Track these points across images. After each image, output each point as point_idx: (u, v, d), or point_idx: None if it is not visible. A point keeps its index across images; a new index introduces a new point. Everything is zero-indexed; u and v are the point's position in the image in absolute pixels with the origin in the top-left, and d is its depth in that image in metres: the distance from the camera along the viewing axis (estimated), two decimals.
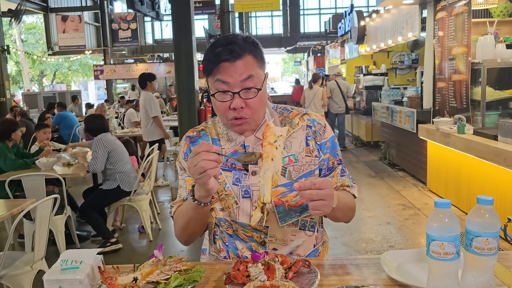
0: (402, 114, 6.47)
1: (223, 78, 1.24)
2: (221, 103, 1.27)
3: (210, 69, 1.27)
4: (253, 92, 1.26)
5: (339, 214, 1.32)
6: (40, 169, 4.27)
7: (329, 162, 1.40)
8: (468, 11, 4.68)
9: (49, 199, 2.79)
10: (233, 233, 1.36)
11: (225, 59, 1.23)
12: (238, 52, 1.24)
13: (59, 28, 17.11)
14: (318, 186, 1.11)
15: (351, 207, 1.40)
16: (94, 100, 26.94)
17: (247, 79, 1.24)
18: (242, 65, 1.24)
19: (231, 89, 1.24)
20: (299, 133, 1.37)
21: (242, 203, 1.34)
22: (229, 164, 1.35)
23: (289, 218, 1.34)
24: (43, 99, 15.45)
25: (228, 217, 1.35)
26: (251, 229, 1.34)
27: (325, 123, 1.42)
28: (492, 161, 3.90)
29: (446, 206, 0.92)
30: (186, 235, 1.37)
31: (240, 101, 1.25)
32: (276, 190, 1.31)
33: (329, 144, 1.40)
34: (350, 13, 10.57)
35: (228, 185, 1.34)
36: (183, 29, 6.28)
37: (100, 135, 4.20)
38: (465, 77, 4.82)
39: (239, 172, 1.34)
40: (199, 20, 20.03)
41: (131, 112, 8.81)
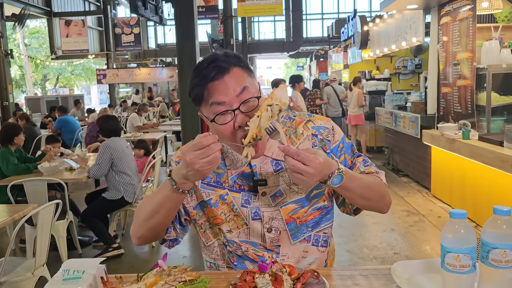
0: (406, 120, 6.43)
1: (217, 99, 1.16)
2: (224, 126, 1.17)
3: (200, 95, 1.18)
4: (253, 102, 1.18)
5: (355, 196, 1.21)
6: (42, 174, 4.24)
7: (347, 162, 1.33)
8: (473, 16, 4.66)
9: (51, 205, 2.76)
10: (242, 254, 1.31)
11: (212, 77, 1.16)
12: (224, 66, 1.17)
13: (62, 33, 17.16)
14: (301, 159, 1.04)
15: (375, 189, 1.26)
16: (97, 105, 27.00)
17: (243, 92, 1.16)
18: (232, 80, 1.17)
19: (229, 107, 1.16)
20: (305, 144, 1.30)
21: (253, 224, 1.29)
22: (237, 185, 1.29)
23: (301, 234, 1.30)
24: (46, 103, 15.48)
25: (237, 238, 1.30)
26: (263, 249, 1.30)
27: (332, 125, 1.34)
28: (498, 167, 3.86)
29: (462, 217, 0.89)
30: (147, 227, 1.24)
31: (243, 116, 1.16)
32: (287, 207, 1.27)
33: (342, 145, 1.33)
34: (353, 18, 10.56)
35: (236, 207, 1.28)
36: (186, 34, 6.28)
37: (109, 141, 4.13)
38: (470, 83, 4.79)
39: (248, 194, 1.28)
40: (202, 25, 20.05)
41: (133, 116, 8.80)
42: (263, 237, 1.28)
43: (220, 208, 1.29)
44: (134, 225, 1.28)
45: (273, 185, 1.27)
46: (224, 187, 1.29)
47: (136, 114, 8.87)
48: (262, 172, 1.27)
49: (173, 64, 19.19)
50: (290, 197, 1.28)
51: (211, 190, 1.30)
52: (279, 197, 1.28)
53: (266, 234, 1.28)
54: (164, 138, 8.51)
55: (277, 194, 1.27)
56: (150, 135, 8.13)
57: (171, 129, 9.17)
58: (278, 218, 1.28)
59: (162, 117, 13.91)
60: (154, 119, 12.27)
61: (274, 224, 1.28)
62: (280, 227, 1.28)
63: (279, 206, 1.28)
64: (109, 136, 4.16)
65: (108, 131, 4.21)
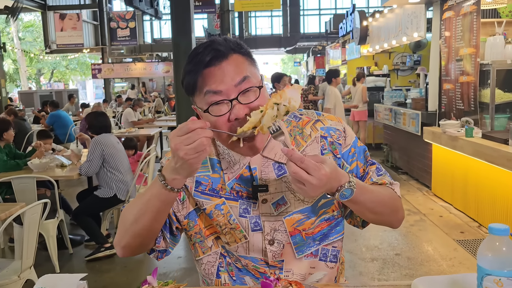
0: (406, 116, 6.31)
1: (212, 88, 1.02)
2: (219, 118, 1.03)
3: (193, 82, 1.04)
4: (254, 92, 1.04)
5: (365, 209, 1.09)
6: (32, 170, 4.09)
7: (359, 170, 1.18)
8: (477, 11, 4.53)
9: (39, 204, 2.62)
10: (242, 267, 1.16)
11: (208, 62, 1.02)
12: (222, 51, 1.03)
13: (57, 26, 16.91)
14: (304, 167, 0.91)
15: (387, 203, 1.13)
16: (92, 99, 26.77)
17: (243, 82, 1.03)
18: (231, 67, 1.03)
19: (226, 97, 1.02)
20: (313, 146, 1.15)
21: (252, 237, 1.13)
22: (235, 192, 1.13)
23: (307, 248, 1.16)
24: (40, 97, 15.26)
25: (235, 252, 1.16)
26: (264, 264, 1.15)
27: (344, 126, 1.19)
28: (503, 166, 3.75)
29: (504, 233, 0.75)
30: (132, 234, 1.08)
31: (241, 107, 1.02)
32: (291, 218, 1.12)
33: (354, 150, 1.18)
34: (352, 13, 10.42)
35: (234, 217, 1.13)
36: (183, 28, 6.13)
37: (100, 136, 3.99)
38: (473, 79, 4.67)
39: (247, 202, 1.13)
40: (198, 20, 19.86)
41: (128, 111, 8.64)
42: (264, 251, 1.13)
43: (215, 219, 1.14)
44: (118, 233, 1.13)
45: (275, 192, 1.12)
46: (220, 195, 1.14)
47: (131, 109, 8.71)
48: (262, 176, 1.12)
49: (169, 59, 18.98)
50: (295, 206, 1.13)
51: (205, 199, 1.15)
52: (282, 205, 1.13)
53: (268, 247, 1.13)
54: (159, 134, 8.36)
55: (280, 202, 1.12)
56: (145, 130, 7.98)
57: (167, 125, 9.02)
58: (281, 230, 1.13)
59: (157, 113, 13.74)
60: (149, 114, 12.11)
61: (276, 236, 1.13)
62: (284, 239, 1.13)
63: (282, 216, 1.13)
64: (98, 133, 4.01)
65: (98, 128, 4.06)
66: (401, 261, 3.72)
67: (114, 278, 3.65)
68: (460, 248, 3.94)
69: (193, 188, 1.16)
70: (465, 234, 4.26)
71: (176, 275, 3.59)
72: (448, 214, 4.87)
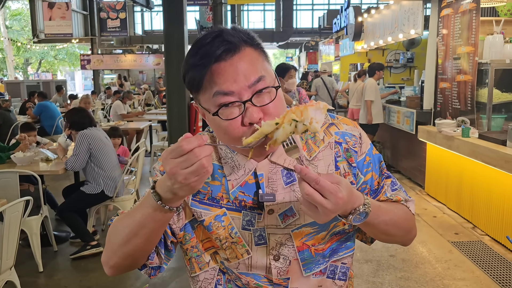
0: (401, 114, 6.24)
1: (223, 88, 0.88)
2: (229, 122, 0.90)
3: (199, 79, 0.90)
4: (269, 94, 0.91)
5: (377, 232, 0.99)
6: (16, 164, 3.93)
7: (373, 183, 1.06)
8: (477, 9, 4.45)
9: (20, 202, 2.48)
10: (242, 286, 1.04)
11: (218, 56, 0.88)
12: (234, 43, 0.90)
13: (45, 15, 16.56)
14: (319, 189, 0.79)
15: (401, 225, 1.04)
16: (81, 91, 26.40)
17: (258, 82, 0.90)
18: (244, 64, 0.89)
19: (238, 98, 0.89)
20: (326, 153, 1.03)
21: (256, 252, 1.01)
22: (237, 202, 1.00)
23: (316, 265, 1.03)
24: (27, 88, 14.94)
25: (235, 269, 1.03)
26: (268, 282, 1.02)
27: (360, 132, 1.07)
28: (501, 167, 3.68)
29: None
30: (121, 254, 0.96)
31: (256, 110, 0.89)
32: (300, 231, 1.00)
33: (369, 159, 1.06)
34: (346, 8, 10.32)
35: (236, 230, 1.00)
36: (175, 19, 5.96)
37: (87, 130, 3.83)
38: (470, 78, 4.60)
39: (251, 213, 1.00)
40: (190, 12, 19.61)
41: (117, 104, 8.46)
42: (269, 267, 1.01)
43: (214, 232, 1.01)
44: (106, 251, 0.99)
45: (282, 201, 0.99)
46: (221, 205, 1.01)
47: (120, 102, 8.52)
48: (270, 183, 0.99)
49: (159, 51, 18.75)
50: (304, 218, 1.00)
51: (204, 209, 1.02)
52: (290, 217, 1.00)
53: (273, 264, 1.01)
54: (149, 127, 8.20)
55: (287, 213, 1.00)
56: (135, 124, 7.81)
57: (157, 118, 8.86)
58: (288, 245, 1.01)
59: (147, 105, 13.54)
60: (139, 107, 11.91)
61: (282, 251, 1.01)
62: (291, 255, 1.01)
63: (290, 229, 1.00)
64: (82, 129, 3.84)
65: (80, 124, 3.85)
66: (396, 263, 3.64)
67: (100, 277, 3.52)
68: (455, 250, 3.87)
69: (190, 197, 1.02)
70: (460, 236, 4.20)
71: (164, 275, 3.47)
72: (441, 214, 4.81)
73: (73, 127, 3.90)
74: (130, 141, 7.98)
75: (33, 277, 3.50)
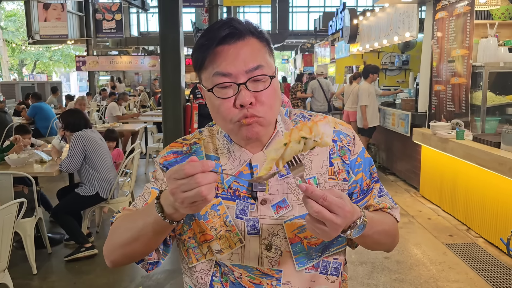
0: (395, 117, 6.26)
1: (222, 69, 0.94)
2: (222, 100, 0.95)
3: (202, 58, 0.96)
4: (264, 82, 0.96)
5: (370, 242, 1.03)
6: (10, 166, 3.91)
7: (363, 183, 1.10)
8: (471, 12, 4.48)
9: (13, 204, 2.46)
10: (235, 280, 1.05)
11: (222, 39, 0.94)
12: (240, 30, 0.95)
13: (40, 16, 16.50)
14: (327, 205, 0.80)
15: (390, 233, 1.09)
16: (76, 92, 26.31)
17: (255, 70, 0.95)
18: (246, 50, 0.95)
19: (234, 80, 0.94)
20: (322, 149, 1.06)
21: (249, 241, 1.02)
22: (231, 191, 1.03)
23: (309, 260, 1.05)
24: (21, 89, 14.86)
25: (228, 260, 1.04)
26: (260, 274, 1.03)
27: (353, 133, 1.11)
28: (495, 170, 3.70)
29: None
30: (121, 254, 1.01)
31: (248, 94, 0.94)
32: (292, 223, 1.01)
33: (360, 160, 1.10)
34: (342, 11, 10.35)
35: (230, 219, 1.02)
36: (171, 21, 5.95)
37: (82, 132, 3.81)
38: (465, 81, 4.62)
39: (245, 202, 1.02)
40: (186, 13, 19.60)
41: (112, 105, 8.43)
42: (261, 258, 1.03)
43: (210, 221, 1.03)
44: (107, 246, 1.03)
45: (276, 193, 1.02)
46: (216, 194, 1.03)
47: (115, 104, 8.49)
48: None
49: (155, 53, 18.71)
50: (297, 210, 1.02)
51: None
52: (283, 208, 1.02)
53: (264, 253, 1.02)
54: (144, 129, 8.18)
55: (280, 205, 1.02)
56: (130, 125, 7.79)
57: (152, 120, 8.84)
58: (280, 235, 1.02)
59: (143, 107, 13.51)
60: (134, 109, 11.88)
61: (274, 241, 1.03)
62: (282, 246, 1.02)
63: (283, 220, 1.02)
64: (77, 131, 3.83)
65: (76, 125, 3.85)
66: (391, 265, 3.65)
67: (94, 279, 3.51)
68: (449, 252, 3.89)
69: None
70: (454, 238, 4.22)
71: (159, 278, 3.46)
72: (436, 216, 4.83)
73: (68, 128, 3.89)
74: (125, 143, 7.96)
75: (27, 279, 3.48)
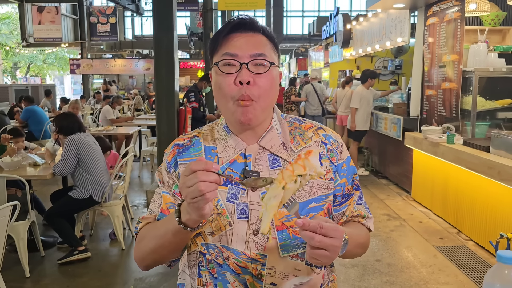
0: (388, 121, 6.32)
1: (230, 50, 1.07)
2: (226, 76, 1.07)
3: (216, 41, 1.11)
4: (265, 66, 1.07)
5: (348, 254, 1.10)
6: (3, 169, 3.91)
7: (345, 188, 1.19)
8: (461, 18, 4.55)
9: (7, 207, 2.48)
10: (223, 262, 1.11)
11: (236, 26, 1.08)
12: (252, 24, 1.10)
13: (34, 19, 16.50)
14: (325, 232, 0.90)
15: (363, 245, 1.20)
16: (70, 95, 26.20)
17: (259, 56, 1.07)
18: (255, 40, 1.09)
19: (239, 59, 1.06)
20: (312, 149, 1.12)
21: (237, 224, 1.08)
22: (225, 177, 1.09)
23: (293, 248, 1.10)
24: (15, 92, 14.79)
25: (218, 242, 1.10)
26: (246, 259, 1.09)
27: (342, 142, 1.21)
28: (484, 174, 3.76)
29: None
30: (151, 259, 1.13)
31: (248, 73, 1.06)
32: (280, 211, 1.07)
33: (345, 166, 1.18)
34: (335, 16, 10.42)
35: (221, 202, 1.09)
36: (164, 25, 5.98)
37: (75, 135, 3.83)
38: (455, 86, 4.69)
39: (236, 187, 1.09)
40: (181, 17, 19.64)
41: (106, 109, 8.44)
42: (247, 242, 1.08)
43: None
44: (137, 254, 1.15)
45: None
46: None
47: (109, 107, 8.50)
48: (256, 163, 1.10)
49: (149, 56, 18.73)
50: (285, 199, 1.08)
51: None
52: None
53: (251, 238, 1.08)
54: (138, 132, 8.19)
55: None
56: (124, 129, 7.79)
57: (146, 123, 8.85)
58: None
59: (137, 110, 13.50)
60: (128, 112, 11.88)
61: None
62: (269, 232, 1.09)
63: None
64: (71, 134, 3.85)
65: (69, 129, 3.86)
66: (382, 268, 3.69)
67: (87, 282, 3.52)
68: (439, 254, 3.94)
69: None
70: (445, 241, 4.27)
71: (152, 280, 3.47)
72: (427, 219, 4.88)
73: (62, 131, 3.90)
74: (119, 146, 7.96)
75: (20, 282, 3.49)
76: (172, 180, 1.15)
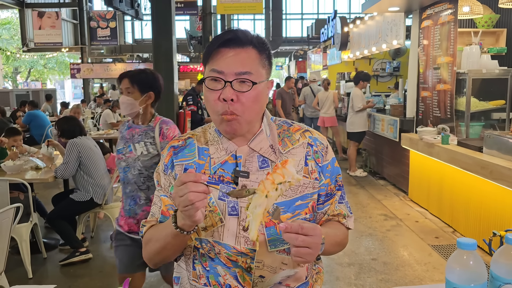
0: (385, 122, 6.40)
1: (217, 67, 1.12)
2: (211, 91, 1.13)
3: (208, 53, 1.16)
4: (247, 85, 1.12)
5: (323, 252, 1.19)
6: (6, 172, 3.99)
7: (328, 188, 1.26)
8: (455, 21, 4.63)
9: (10, 209, 2.55)
10: (215, 256, 1.19)
11: (224, 41, 1.13)
12: (242, 38, 1.13)
13: (35, 24, 16.62)
14: (305, 231, 1.00)
15: (340, 244, 1.29)
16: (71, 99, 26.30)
17: (243, 74, 1.12)
18: (242, 57, 1.13)
19: (223, 77, 1.12)
20: (299, 150, 1.23)
21: (228, 221, 1.17)
22: (216, 176, 1.19)
23: (280, 243, 1.18)
24: (16, 97, 14.89)
25: (211, 237, 1.18)
26: (236, 253, 1.17)
27: (327, 144, 1.28)
28: (477, 173, 3.83)
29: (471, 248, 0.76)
30: (158, 259, 1.24)
31: (231, 91, 1.11)
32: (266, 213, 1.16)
33: (330, 167, 1.26)
34: (333, 18, 10.51)
35: (213, 200, 1.17)
36: (163, 29, 6.08)
37: (77, 139, 3.91)
38: (449, 87, 4.77)
39: (227, 186, 1.17)
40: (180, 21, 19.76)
41: (107, 113, 8.52)
42: (238, 237, 1.16)
43: None
44: (146, 254, 1.26)
45: (256, 181, 1.17)
46: None
47: (109, 111, 8.59)
48: (246, 164, 1.18)
49: (150, 60, 18.82)
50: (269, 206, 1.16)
51: None
52: None
53: (241, 233, 1.16)
54: None
55: None
56: None
57: None
58: None
59: None
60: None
61: None
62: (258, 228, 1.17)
63: None
64: (72, 138, 3.93)
65: (71, 132, 3.94)
66: (377, 266, 3.76)
67: (89, 283, 3.59)
68: (434, 253, 4.00)
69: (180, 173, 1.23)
70: (440, 239, 4.33)
71: (152, 280, 3.54)
72: (423, 219, 4.95)
73: (64, 135, 3.99)
74: None
75: (23, 283, 3.54)
76: (168, 181, 1.24)
